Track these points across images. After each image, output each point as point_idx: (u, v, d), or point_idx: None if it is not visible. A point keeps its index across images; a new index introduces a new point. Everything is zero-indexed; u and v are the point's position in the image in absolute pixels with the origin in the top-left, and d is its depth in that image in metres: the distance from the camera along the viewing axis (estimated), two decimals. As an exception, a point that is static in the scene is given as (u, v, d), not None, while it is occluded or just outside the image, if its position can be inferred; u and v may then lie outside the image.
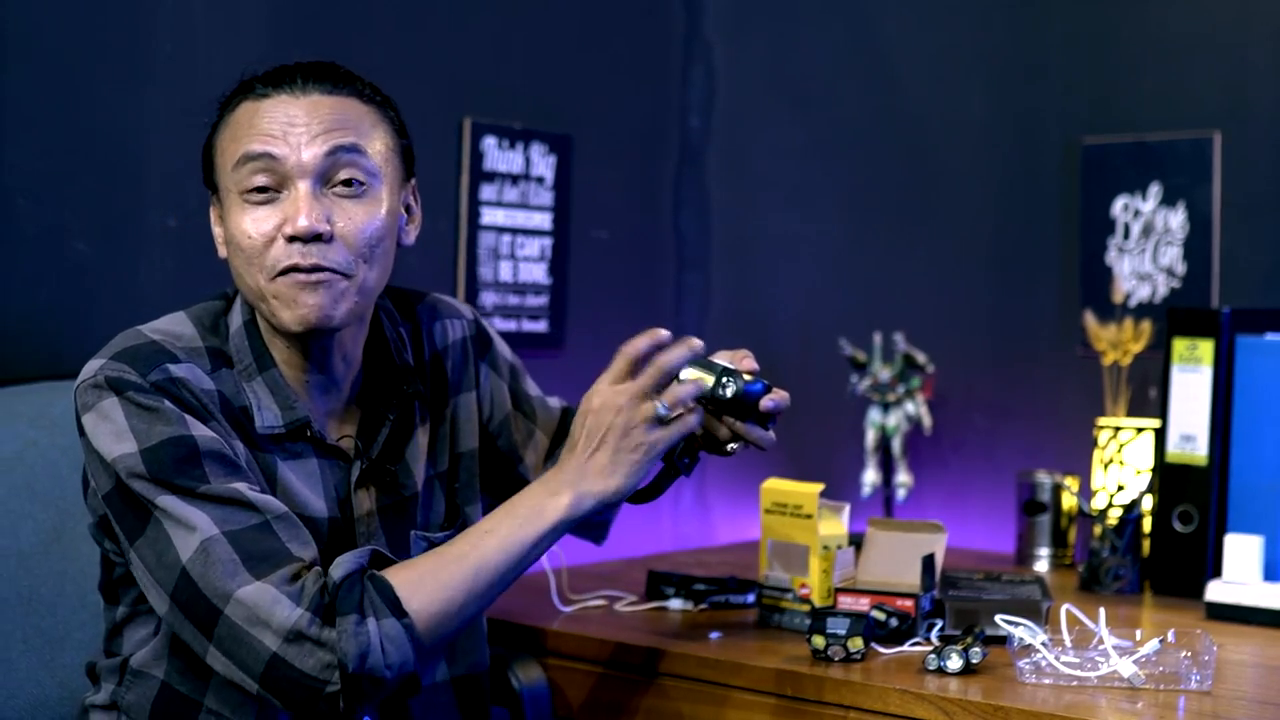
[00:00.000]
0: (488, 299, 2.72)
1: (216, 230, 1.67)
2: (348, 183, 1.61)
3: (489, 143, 2.71)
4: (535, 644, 2.02)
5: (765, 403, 1.66)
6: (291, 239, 1.57)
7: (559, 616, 2.08)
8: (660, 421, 1.58)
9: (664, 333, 1.61)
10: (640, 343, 1.61)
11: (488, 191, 2.72)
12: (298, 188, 1.58)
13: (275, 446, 1.62)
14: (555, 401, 1.98)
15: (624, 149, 3.02)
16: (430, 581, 1.53)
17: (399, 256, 2.66)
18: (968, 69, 2.86)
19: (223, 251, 1.66)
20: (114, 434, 1.52)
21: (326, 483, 1.66)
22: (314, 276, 1.58)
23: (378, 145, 1.64)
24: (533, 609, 2.10)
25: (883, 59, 2.97)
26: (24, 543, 1.84)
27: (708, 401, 1.66)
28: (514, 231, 2.77)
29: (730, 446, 1.70)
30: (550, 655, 2.00)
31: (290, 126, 1.58)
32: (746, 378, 1.67)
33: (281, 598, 1.47)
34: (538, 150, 2.80)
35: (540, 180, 2.81)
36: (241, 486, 1.52)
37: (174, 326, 1.63)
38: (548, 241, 2.83)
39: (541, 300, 2.82)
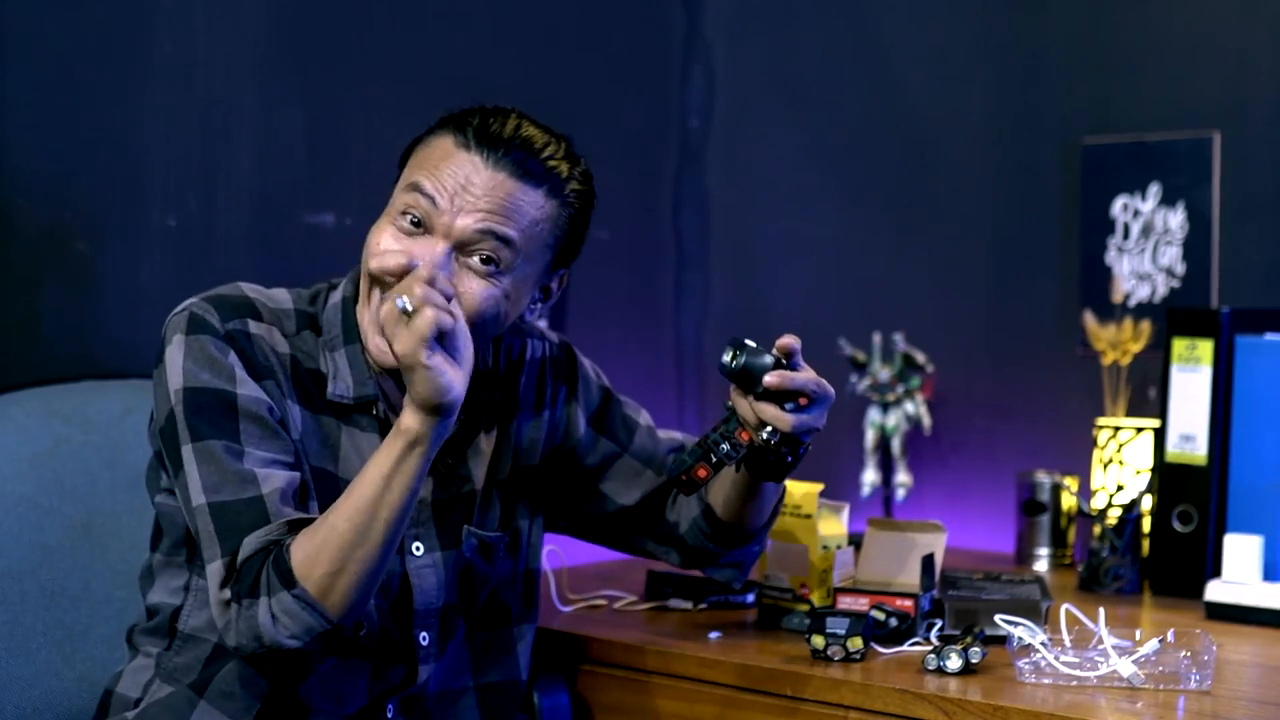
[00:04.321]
0: (488, 299, 2.72)
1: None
2: (484, 260, 1.65)
3: (489, 143, 2.71)
4: (537, 646, 2.02)
5: (768, 378, 1.67)
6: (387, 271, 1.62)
7: (559, 616, 2.08)
8: (407, 314, 1.53)
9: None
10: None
11: (488, 191, 2.71)
12: (437, 245, 1.63)
13: (342, 416, 1.69)
14: (667, 434, 1.97)
15: (624, 149, 3.02)
16: (325, 545, 1.54)
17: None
18: (968, 69, 2.86)
19: None
20: (173, 371, 1.62)
21: None
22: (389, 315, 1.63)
23: (534, 238, 1.68)
24: (532, 609, 2.10)
25: (883, 59, 2.97)
26: (51, 538, 1.88)
27: (727, 375, 1.70)
28: (514, 231, 2.76)
29: (764, 434, 1.69)
30: (550, 655, 2.00)
31: (462, 190, 1.64)
32: (767, 358, 1.68)
33: (215, 581, 1.57)
34: (538, 150, 2.79)
35: (540, 180, 2.80)
36: (263, 454, 1.60)
37: (272, 291, 1.73)
38: (548, 241, 2.83)
39: (541, 300, 2.82)
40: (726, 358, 1.69)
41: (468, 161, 1.65)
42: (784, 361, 1.68)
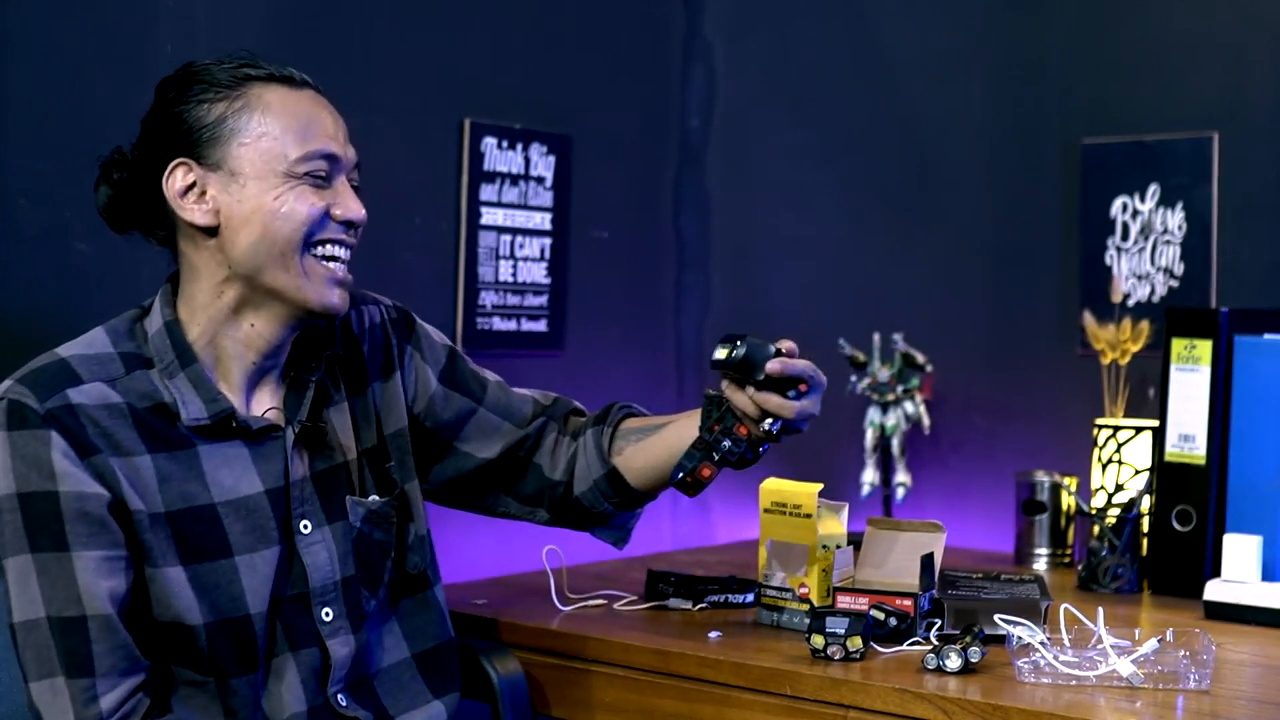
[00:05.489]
0: (488, 299, 2.73)
1: (187, 198, 1.69)
2: (355, 186, 1.76)
3: (489, 143, 2.71)
4: (533, 641, 2.02)
5: (770, 364, 1.71)
6: (345, 223, 1.71)
7: (559, 616, 2.08)
8: None
9: None
10: None
11: (487, 191, 2.72)
12: (341, 181, 1.72)
13: (200, 438, 1.67)
14: (520, 391, 1.99)
15: (624, 149, 3.02)
16: None
17: (398, 256, 2.66)
18: (968, 69, 2.86)
19: (201, 219, 1.68)
20: (1, 469, 1.58)
21: (260, 462, 1.70)
22: (343, 272, 1.71)
23: None
24: (533, 608, 2.10)
25: (883, 59, 2.97)
26: None
27: (727, 370, 1.72)
28: (514, 231, 2.77)
29: (766, 425, 1.75)
30: (550, 654, 2.00)
31: (336, 128, 1.73)
32: (770, 347, 1.72)
33: (67, 711, 1.56)
34: (537, 150, 2.80)
35: (540, 180, 2.81)
36: (92, 554, 1.58)
37: (88, 340, 1.69)
38: (547, 241, 2.83)
39: (541, 300, 2.83)
40: (721, 353, 1.71)
41: (316, 102, 1.73)
42: (780, 350, 1.72)
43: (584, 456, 1.94)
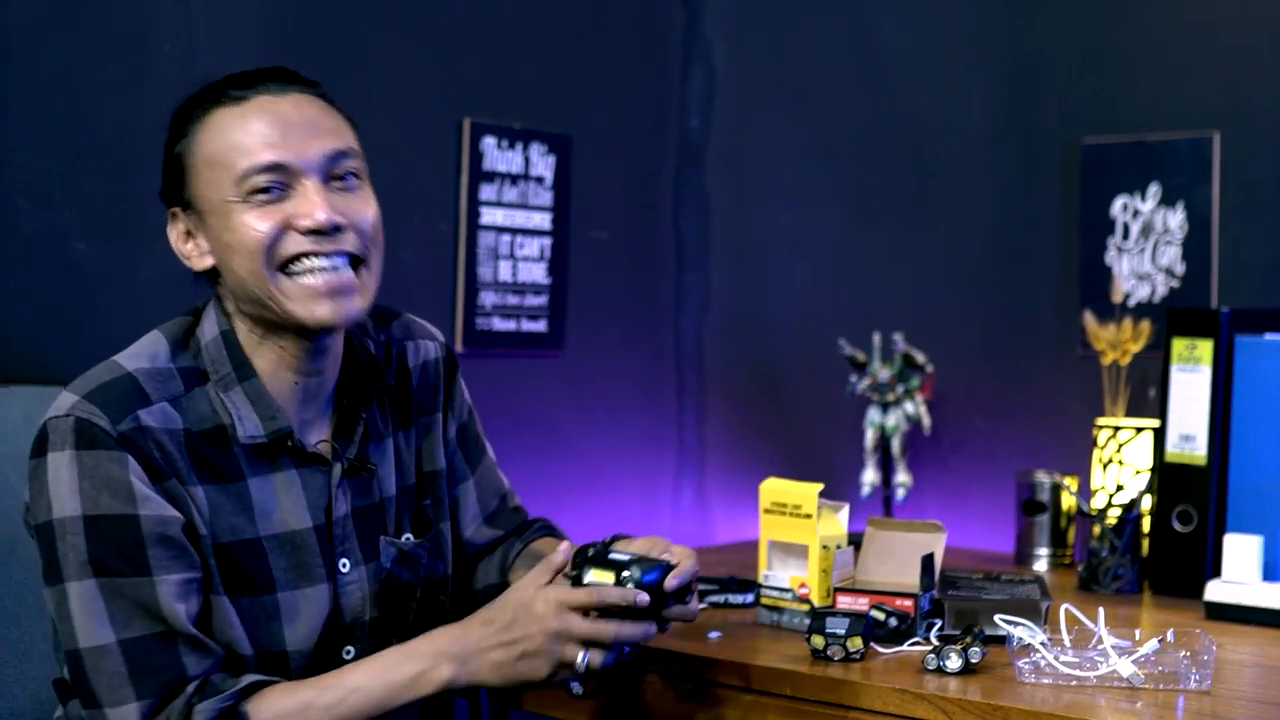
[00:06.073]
0: (487, 299, 2.73)
1: (186, 246, 1.66)
2: (342, 177, 1.64)
3: (488, 143, 2.71)
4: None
5: (669, 583, 1.68)
6: (309, 232, 1.59)
7: (559, 616, 2.08)
8: (569, 666, 1.61)
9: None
10: (561, 554, 1.65)
11: (487, 191, 2.72)
12: (305, 184, 1.60)
13: (253, 461, 1.63)
14: (508, 485, 1.97)
15: (624, 149, 3.02)
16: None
17: (398, 256, 2.66)
18: (968, 69, 2.86)
19: (204, 263, 1.65)
20: (67, 492, 1.52)
21: (308, 496, 1.67)
22: (332, 278, 1.61)
23: (359, 148, 1.68)
24: (532, 609, 2.10)
25: (883, 59, 2.97)
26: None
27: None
28: (513, 231, 2.77)
29: (667, 629, 1.74)
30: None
31: (288, 127, 1.61)
32: (661, 566, 1.68)
33: None
34: (537, 150, 2.80)
35: (540, 180, 2.81)
36: (173, 579, 1.53)
37: (150, 351, 1.63)
38: (547, 241, 2.83)
39: (541, 300, 2.82)
40: (600, 578, 1.66)
41: (262, 107, 1.61)
42: (669, 564, 1.69)
43: (488, 561, 1.93)
